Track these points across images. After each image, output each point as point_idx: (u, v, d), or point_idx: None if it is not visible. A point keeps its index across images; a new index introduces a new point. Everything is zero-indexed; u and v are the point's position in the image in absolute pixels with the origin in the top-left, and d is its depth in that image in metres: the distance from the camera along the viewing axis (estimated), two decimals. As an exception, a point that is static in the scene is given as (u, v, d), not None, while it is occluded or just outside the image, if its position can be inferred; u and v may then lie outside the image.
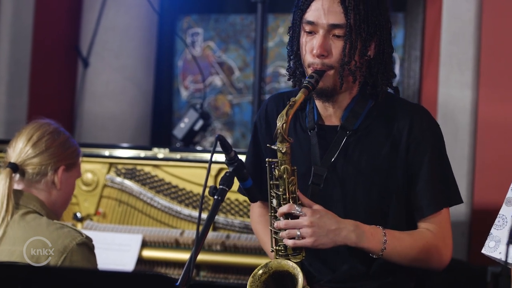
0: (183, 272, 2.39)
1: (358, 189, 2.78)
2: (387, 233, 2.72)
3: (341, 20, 2.70)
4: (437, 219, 2.79)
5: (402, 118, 2.79)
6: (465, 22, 4.87)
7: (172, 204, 4.28)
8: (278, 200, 2.68)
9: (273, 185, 2.70)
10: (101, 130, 5.65)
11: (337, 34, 2.71)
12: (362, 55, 2.74)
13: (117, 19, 5.71)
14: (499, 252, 2.65)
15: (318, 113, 2.85)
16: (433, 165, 2.77)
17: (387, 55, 2.80)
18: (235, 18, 5.92)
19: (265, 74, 5.60)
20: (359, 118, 2.80)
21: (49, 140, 3.08)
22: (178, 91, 6.04)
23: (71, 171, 3.15)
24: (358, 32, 2.71)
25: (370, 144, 2.79)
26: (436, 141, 2.81)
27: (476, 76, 4.85)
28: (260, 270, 2.66)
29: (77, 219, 4.35)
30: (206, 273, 4.10)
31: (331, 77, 2.72)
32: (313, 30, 2.73)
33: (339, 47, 2.71)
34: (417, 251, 2.75)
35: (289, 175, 2.66)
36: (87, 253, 2.94)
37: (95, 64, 5.75)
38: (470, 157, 4.83)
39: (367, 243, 2.69)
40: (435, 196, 2.77)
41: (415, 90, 5.26)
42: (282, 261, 2.67)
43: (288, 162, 2.66)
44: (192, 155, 4.36)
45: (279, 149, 2.65)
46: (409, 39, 5.36)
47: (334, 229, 2.65)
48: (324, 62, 2.71)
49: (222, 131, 5.90)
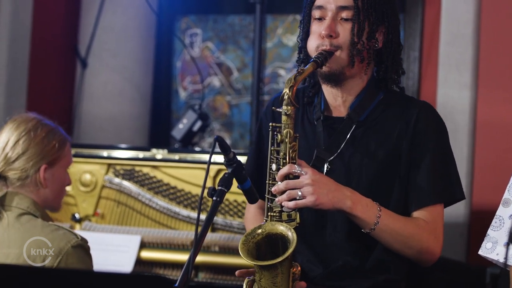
0: (181, 273, 2.39)
1: (361, 181, 2.80)
2: (382, 209, 2.72)
3: (349, 2, 2.78)
4: (431, 212, 2.79)
5: (409, 112, 2.82)
6: (464, 23, 4.87)
7: (170, 205, 4.28)
8: (277, 165, 2.69)
9: (273, 151, 2.70)
10: (100, 130, 5.65)
11: (345, 17, 2.78)
12: (370, 38, 2.79)
13: (116, 20, 5.71)
14: (496, 253, 2.65)
15: (326, 103, 2.88)
16: (436, 158, 2.79)
17: (396, 45, 2.85)
18: (234, 19, 5.92)
19: (263, 75, 5.60)
20: (366, 109, 2.84)
21: (26, 141, 3.00)
22: (176, 92, 6.03)
23: (56, 166, 3.07)
24: (366, 15, 2.78)
25: (375, 137, 2.82)
26: (440, 136, 2.85)
27: (475, 76, 4.85)
28: (255, 231, 2.65)
29: (75, 220, 4.35)
30: (204, 275, 4.09)
31: (339, 58, 2.77)
32: (322, 15, 2.80)
33: (347, 28, 2.77)
34: (409, 234, 2.75)
35: (291, 139, 2.67)
36: (82, 255, 2.92)
37: (93, 64, 5.75)
38: (469, 157, 4.82)
39: (361, 213, 2.69)
40: (435, 189, 2.79)
41: (414, 91, 5.26)
42: (276, 224, 2.66)
43: (291, 126, 2.66)
44: (191, 156, 4.35)
45: (284, 112, 2.66)
46: (408, 40, 5.36)
47: (333, 190, 2.67)
48: (332, 42, 2.77)
49: (220, 132, 5.89)
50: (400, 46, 2.88)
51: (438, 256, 2.83)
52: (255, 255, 2.63)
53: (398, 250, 2.78)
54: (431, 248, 2.80)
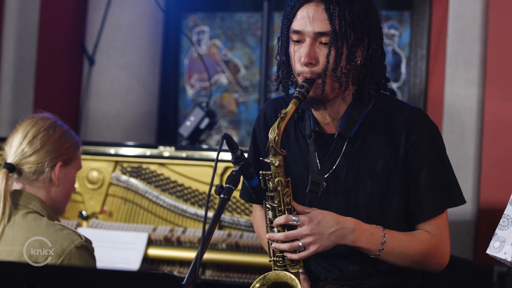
0: (189, 270, 2.39)
1: (359, 197, 2.78)
2: (387, 233, 2.72)
3: (327, 27, 2.70)
4: (436, 222, 2.79)
5: (399, 123, 2.78)
6: (471, 20, 4.86)
7: (177, 202, 4.28)
8: (273, 212, 2.69)
9: (268, 196, 2.70)
10: (107, 128, 5.65)
11: (324, 42, 2.71)
12: (349, 61, 2.72)
13: (123, 17, 5.71)
14: (504, 252, 2.65)
15: (316, 120, 2.85)
16: (433, 168, 2.77)
17: (376, 59, 2.77)
18: (241, 16, 5.92)
19: (271, 72, 5.60)
20: (355, 124, 2.80)
21: (44, 137, 3.03)
22: (184, 90, 6.03)
23: (69, 166, 3.10)
24: (344, 38, 2.69)
25: (369, 151, 2.79)
26: (435, 144, 2.81)
27: (482, 74, 4.84)
28: (257, 283, 2.68)
29: (82, 217, 4.35)
30: (212, 272, 4.09)
31: (320, 85, 2.71)
32: (300, 39, 2.74)
33: (326, 54, 2.70)
34: (415, 253, 2.76)
35: (283, 187, 2.66)
36: (85, 256, 2.92)
37: (100, 62, 5.75)
38: (476, 156, 4.81)
39: (365, 244, 2.69)
40: (436, 200, 2.78)
41: (421, 89, 5.25)
42: (280, 273, 2.69)
43: (281, 174, 2.66)
44: (198, 153, 4.35)
45: (272, 162, 2.65)
46: (415, 37, 5.35)
47: (334, 231, 2.66)
48: (313, 70, 2.71)
49: (228, 129, 5.89)
50: (383, 55, 2.81)
51: (446, 263, 2.84)
52: None
53: (405, 266, 2.79)
54: (438, 259, 2.82)
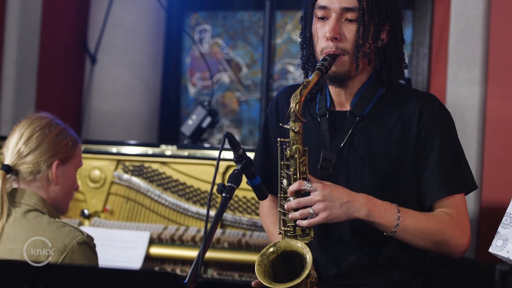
0: (191, 269, 2.39)
1: (364, 175, 2.77)
2: (401, 209, 2.69)
3: (354, 3, 2.72)
4: (453, 203, 2.75)
5: (412, 105, 2.78)
6: (474, 19, 4.86)
7: (179, 201, 4.28)
8: (288, 180, 2.67)
9: (283, 165, 2.69)
10: (109, 127, 5.66)
11: (349, 18, 2.72)
12: (375, 39, 2.75)
13: (125, 16, 5.71)
14: (506, 251, 2.65)
15: (331, 99, 2.85)
16: (444, 150, 2.75)
17: (400, 42, 2.81)
18: (243, 15, 5.92)
19: (273, 71, 5.60)
20: (369, 104, 2.81)
21: (39, 136, 3.01)
22: (186, 88, 6.04)
23: (68, 164, 3.07)
24: (371, 15, 2.72)
25: (379, 130, 2.79)
26: (447, 127, 2.80)
27: (484, 73, 4.84)
28: (269, 249, 2.65)
29: (84, 216, 4.36)
30: (214, 271, 4.10)
31: (345, 61, 2.73)
32: (325, 15, 2.75)
33: (352, 30, 2.72)
34: (432, 231, 2.71)
35: (300, 155, 2.65)
36: (87, 253, 2.91)
37: (102, 61, 5.76)
38: (478, 154, 4.82)
39: (379, 218, 2.66)
40: (447, 180, 2.74)
41: (423, 88, 5.25)
42: (291, 241, 2.66)
43: (300, 142, 2.65)
44: (200, 152, 4.36)
45: (291, 128, 2.64)
46: (418, 36, 5.35)
47: (346, 201, 2.64)
48: (337, 46, 2.72)
49: (230, 128, 5.89)
50: (403, 41, 2.84)
51: (467, 247, 2.77)
52: (271, 274, 2.64)
53: (423, 247, 2.75)
54: (458, 240, 2.74)
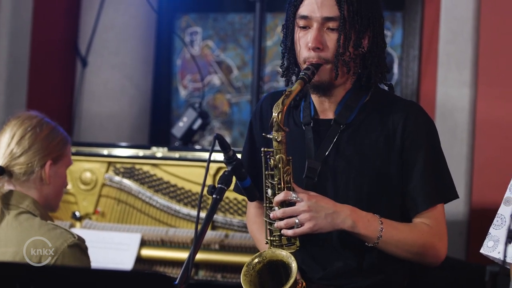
0: (181, 271, 2.39)
1: (349, 184, 2.77)
2: (383, 221, 2.71)
3: (335, 12, 2.72)
4: (433, 214, 2.78)
5: (397, 114, 2.78)
6: (463, 21, 4.87)
7: (170, 203, 4.29)
8: (273, 190, 2.68)
9: (268, 175, 2.69)
10: (100, 129, 5.65)
11: (331, 27, 2.73)
12: (356, 46, 2.75)
13: (116, 18, 5.71)
14: (497, 252, 2.66)
15: (315, 108, 2.86)
16: (428, 161, 2.77)
17: (381, 48, 2.81)
18: (234, 17, 5.93)
19: (263, 73, 5.60)
20: (353, 112, 2.81)
21: (32, 136, 3.00)
22: (176, 90, 6.04)
23: (59, 163, 3.07)
24: (352, 24, 2.72)
25: (363, 139, 2.79)
26: (431, 137, 2.81)
27: (474, 75, 4.86)
28: (255, 259, 2.67)
29: (75, 218, 4.35)
30: (205, 272, 4.10)
31: (327, 70, 2.74)
32: (307, 24, 2.76)
33: (333, 39, 2.73)
34: (413, 242, 2.74)
35: (284, 164, 2.66)
36: (78, 255, 2.90)
37: (93, 63, 5.75)
38: (468, 156, 4.83)
39: (363, 229, 2.68)
40: (431, 192, 2.77)
41: (413, 89, 5.26)
42: (276, 251, 2.67)
43: (283, 151, 2.66)
44: (191, 154, 4.36)
45: (274, 138, 2.65)
46: (407, 38, 5.36)
47: (331, 212, 2.65)
48: (320, 55, 2.73)
49: (220, 130, 5.90)
50: (384, 45, 2.84)
51: (444, 256, 2.83)
52: (257, 284, 2.65)
53: (404, 257, 2.78)
54: (436, 251, 2.80)
